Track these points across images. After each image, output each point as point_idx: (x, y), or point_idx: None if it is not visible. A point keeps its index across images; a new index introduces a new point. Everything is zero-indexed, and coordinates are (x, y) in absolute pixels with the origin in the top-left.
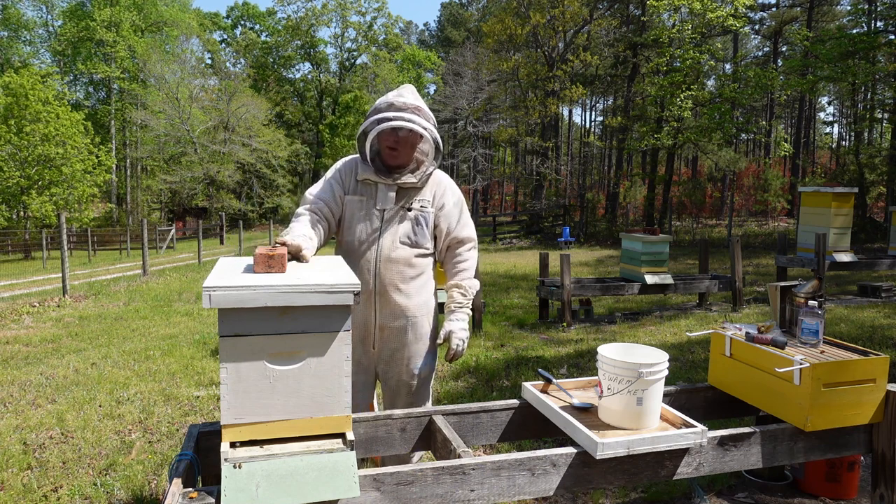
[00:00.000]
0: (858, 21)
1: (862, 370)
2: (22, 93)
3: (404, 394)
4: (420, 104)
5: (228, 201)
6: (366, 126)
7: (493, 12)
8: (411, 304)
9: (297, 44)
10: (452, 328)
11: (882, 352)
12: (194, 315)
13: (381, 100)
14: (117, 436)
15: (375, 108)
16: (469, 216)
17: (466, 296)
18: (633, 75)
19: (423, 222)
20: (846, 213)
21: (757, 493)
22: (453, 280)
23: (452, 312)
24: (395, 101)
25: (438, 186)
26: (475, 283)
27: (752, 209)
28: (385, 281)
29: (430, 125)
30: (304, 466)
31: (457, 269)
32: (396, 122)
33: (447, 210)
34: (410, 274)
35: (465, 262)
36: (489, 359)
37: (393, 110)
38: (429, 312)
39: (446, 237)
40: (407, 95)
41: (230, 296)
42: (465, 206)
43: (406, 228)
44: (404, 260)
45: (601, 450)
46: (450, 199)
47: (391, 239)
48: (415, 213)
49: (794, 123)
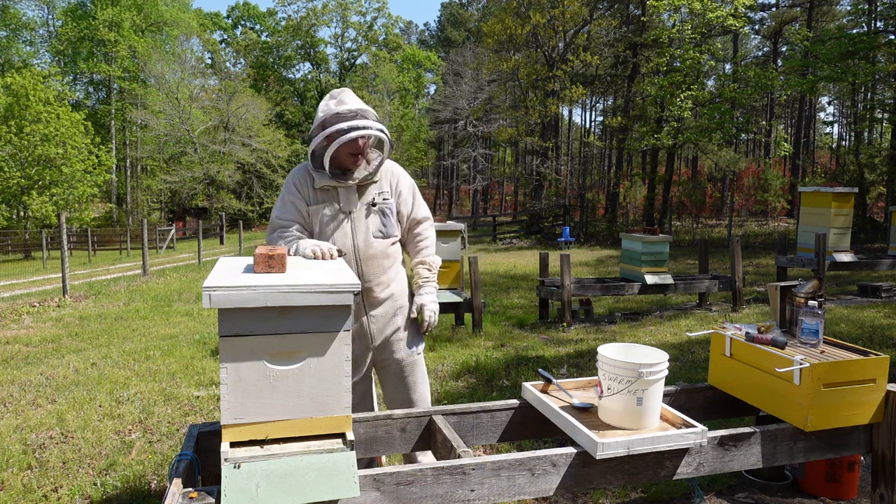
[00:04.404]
0: (858, 21)
1: (862, 370)
2: (23, 93)
3: (403, 376)
4: (362, 105)
5: (228, 201)
6: (319, 142)
7: (493, 12)
8: (395, 291)
9: (298, 44)
10: (423, 301)
11: (882, 352)
12: (194, 315)
13: (323, 110)
14: (117, 436)
15: (323, 121)
16: (420, 196)
17: (432, 270)
18: (633, 75)
19: (388, 213)
20: (846, 213)
21: (757, 493)
22: (417, 258)
23: (421, 287)
24: (339, 109)
25: (392, 176)
26: (437, 259)
27: (752, 209)
28: (369, 277)
29: (382, 125)
30: (304, 466)
31: (419, 248)
32: (357, 131)
33: (404, 196)
34: (388, 264)
35: (426, 241)
36: (489, 359)
37: (344, 120)
38: (407, 293)
39: (407, 220)
40: (349, 101)
41: (230, 296)
42: (416, 186)
43: (376, 223)
44: (381, 253)
45: (601, 450)
46: (405, 184)
47: (364, 236)
48: (379, 206)
49: (794, 123)
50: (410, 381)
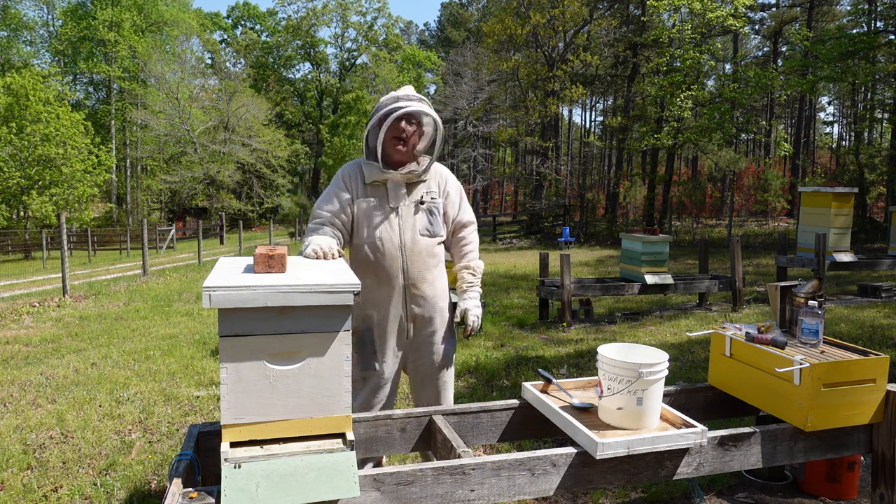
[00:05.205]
0: (858, 21)
1: (862, 370)
2: (23, 93)
3: (434, 377)
4: (417, 95)
5: (228, 201)
6: (372, 126)
7: (493, 12)
8: (436, 292)
9: (298, 44)
10: (467, 306)
11: (882, 352)
12: (194, 315)
13: (384, 98)
14: (117, 436)
15: (380, 105)
16: (467, 201)
17: (476, 275)
18: (633, 75)
19: (435, 212)
20: (846, 213)
21: (757, 493)
22: (461, 262)
23: (465, 292)
24: (399, 94)
25: (440, 177)
26: (481, 264)
27: (752, 209)
28: (414, 274)
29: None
30: (304, 466)
31: (464, 252)
32: (411, 107)
33: (452, 197)
34: (433, 263)
35: (470, 245)
36: (489, 359)
37: (393, 102)
38: (447, 297)
39: (452, 223)
40: (410, 92)
41: (230, 296)
42: (463, 191)
43: (423, 220)
44: (427, 251)
45: (601, 450)
46: (452, 187)
47: (411, 233)
48: (427, 204)
49: (794, 123)
50: (441, 382)
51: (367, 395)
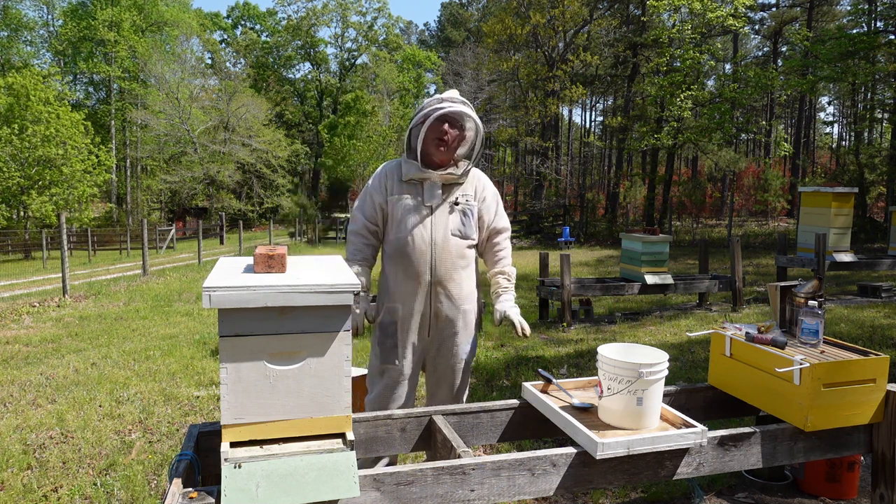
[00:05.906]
0: (858, 21)
1: (862, 370)
2: (23, 93)
3: (450, 378)
4: (467, 102)
5: (228, 201)
6: (415, 123)
7: (493, 12)
8: (463, 294)
9: (298, 44)
10: (505, 307)
11: (882, 352)
12: (194, 315)
13: (428, 100)
14: (117, 436)
15: (423, 105)
16: (503, 208)
17: (511, 280)
18: (633, 75)
19: (469, 214)
20: (846, 213)
21: (757, 493)
22: (496, 268)
23: (500, 296)
24: (444, 96)
25: (478, 182)
26: (514, 269)
27: (752, 209)
28: (441, 272)
29: (474, 111)
30: (304, 466)
31: (497, 258)
32: (454, 108)
33: (488, 202)
34: (462, 264)
35: (504, 251)
36: (489, 359)
37: (446, 102)
38: (475, 301)
39: (487, 228)
40: (454, 95)
41: (230, 296)
42: (500, 198)
43: (455, 221)
44: (457, 251)
45: (601, 450)
46: (490, 192)
47: (443, 232)
48: (461, 206)
49: (794, 123)
50: (457, 384)
51: (383, 390)
